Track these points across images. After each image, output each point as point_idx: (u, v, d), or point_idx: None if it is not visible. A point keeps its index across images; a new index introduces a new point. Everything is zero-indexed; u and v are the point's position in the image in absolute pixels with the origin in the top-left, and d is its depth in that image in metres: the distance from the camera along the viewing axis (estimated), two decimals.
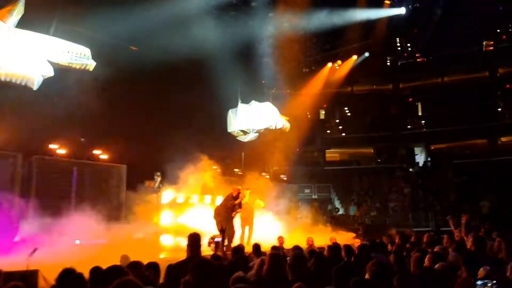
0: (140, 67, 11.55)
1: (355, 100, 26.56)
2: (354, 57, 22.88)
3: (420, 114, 26.11)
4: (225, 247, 9.98)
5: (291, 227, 14.19)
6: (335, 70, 23.33)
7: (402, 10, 19.69)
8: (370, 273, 3.77)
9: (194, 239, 4.97)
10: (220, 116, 14.19)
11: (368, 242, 7.56)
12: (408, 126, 25.42)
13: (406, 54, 25.72)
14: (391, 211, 20.33)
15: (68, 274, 3.74)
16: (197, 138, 12.69)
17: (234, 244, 10.20)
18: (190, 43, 12.52)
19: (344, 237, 13.97)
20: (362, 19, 18.95)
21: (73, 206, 9.50)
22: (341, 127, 26.74)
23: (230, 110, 13.82)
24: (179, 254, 7.05)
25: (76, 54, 8.62)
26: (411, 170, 23.50)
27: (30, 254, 6.58)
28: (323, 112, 27.26)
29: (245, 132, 13.61)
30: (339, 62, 23.09)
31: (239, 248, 6.68)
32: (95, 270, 4.04)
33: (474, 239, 5.99)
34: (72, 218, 9.07)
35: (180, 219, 11.77)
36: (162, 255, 9.29)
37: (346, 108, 27.48)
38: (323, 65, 23.13)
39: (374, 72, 24.20)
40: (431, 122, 24.92)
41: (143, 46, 12.64)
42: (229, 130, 13.77)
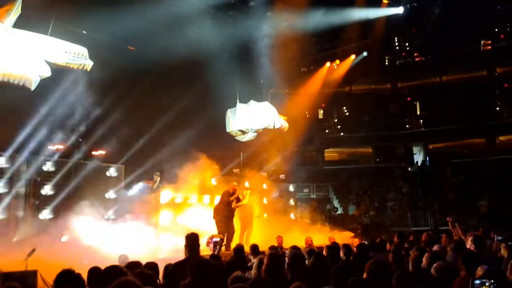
0: (138, 67, 11.53)
1: (354, 99, 26.56)
2: (352, 56, 22.83)
3: (418, 113, 26.11)
4: (224, 247, 10.00)
5: (290, 227, 14.20)
6: (333, 69, 23.30)
7: (400, 10, 19.63)
8: (369, 272, 3.77)
9: (192, 240, 4.97)
10: (218, 116, 14.18)
11: (366, 241, 7.59)
12: (406, 126, 25.43)
13: (404, 54, 25.69)
14: (390, 211, 20.34)
15: (66, 275, 3.73)
16: (195, 138, 12.68)
17: (233, 243, 10.23)
18: (188, 43, 12.49)
19: (342, 236, 13.97)
20: (360, 19, 18.93)
21: (71, 206, 9.49)
22: (339, 127, 26.72)
23: (229, 110, 13.81)
24: (178, 254, 7.03)
25: (73, 54, 8.61)
26: (410, 169, 23.52)
27: (29, 254, 6.58)
28: (322, 111, 27.25)
29: (243, 132, 13.60)
30: (337, 61, 23.05)
31: (240, 248, 6.68)
32: (94, 270, 4.03)
33: (473, 239, 6.01)
34: (70, 218, 9.07)
35: (179, 219, 11.76)
36: (161, 255, 9.27)
37: (344, 107, 27.48)
38: (322, 64, 23.08)
39: (372, 71, 24.19)
40: (430, 121, 24.93)
41: (141, 46, 12.62)
42: (227, 130, 13.76)
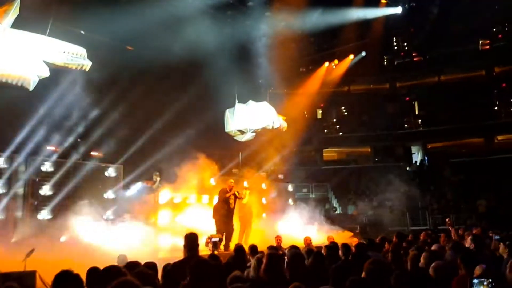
0: (136, 67, 11.52)
1: (352, 99, 26.60)
2: (351, 56, 22.86)
3: (417, 113, 26.16)
4: (223, 246, 10.00)
5: (289, 227, 14.20)
6: (332, 69, 23.32)
7: (398, 9, 19.68)
8: (367, 272, 3.77)
9: (191, 240, 4.95)
10: (217, 116, 14.17)
11: (365, 241, 7.59)
12: (405, 125, 25.48)
13: (402, 53, 25.77)
14: (389, 210, 20.34)
15: (65, 275, 3.72)
16: (194, 138, 12.68)
17: (232, 243, 10.22)
18: (187, 43, 12.49)
19: (341, 236, 13.98)
20: (358, 19, 18.95)
21: (70, 207, 9.48)
22: (338, 127, 26.76)
23: (228, 110, 13.81)
24: (177, 254, 7.03)
25: (72, 54, 8.60)
26: (408, 169, 23.55)
27: (28, 255, 6.57)
28: (320, 111, 27.28)
29: (242, 131, 13.60)
30: (336, 61, 23.07)
31: (240, 248, 6.69)
32: (92, 270, 4.03)
33: (473, 238, 6.03)
34: (69, 219, 9.06)
35: (177, 219, 11.76)
36: (160, 255, 9.27)
37: (343, 107, 27.51)
38: (320, 64, 23.12)
39: (370, 71, 24.24)
40: (428, 121, 24.98)
41: (140, 46, 12.61)
42: (226, 130, 13.76)
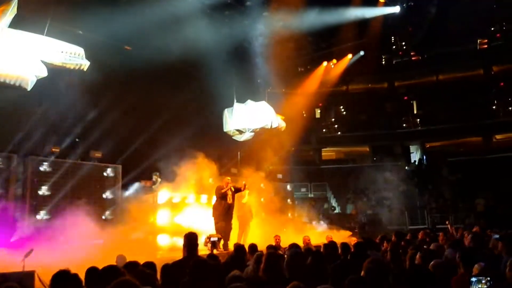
0: (134, 67, 11.50)
1: (351, 98, 26.61)
2: (349, 56, 22.87)
3: (415, 112, 26.16)
4: (222, 246, 9.99)
5: (287, 226, 14.21)
6: (330, 69, 23.33)
7: (397, 9, 19.69)
8: (367, 270, 3.77)
9: (190, 239, 4.95)
10: (216, 115, 14.17)
11: (364, 240, 7.59)
12: (403, 125, 25.49)
13: (401, 53, 25.75)
14: (387, 209, 20.37)
15: (62, 275, 3.72)
16: (193, 138, 12.67)
17: (231, 242, 10.21)
18: (185, 43, 12.48)
19: (340, 235, 14.00)
20: (356, 18, 18.96)
21: (68, 207, 9.47)
22: (336, 126, 26.75)
23: (226, 110, 13.81)
24: (176, 254, 7.03)
25: (70, 54, 8.59)
26: (407, 168, 23.57)
27: (26, 255, 6.55)
28: (319, 111, 27.28)
29: (240, 131, 13.61)
30: (334, 61, 23.07)
31: (240, 247, 6.69)
32: (91, 270, 4.03)
33: (472, 237, 6.05)
34: (67, 219, 9.05)
35: (176, 219, 11.75)
36: (159, 255, 9.27)
37: (341, 107, 27.50)
38: (318, 64, 23.11)
39: (369, 70, 24.21)
40: (426, 120, 24.98)
41: (138, 46, 12.60)
42: (225, 130, 13.76)
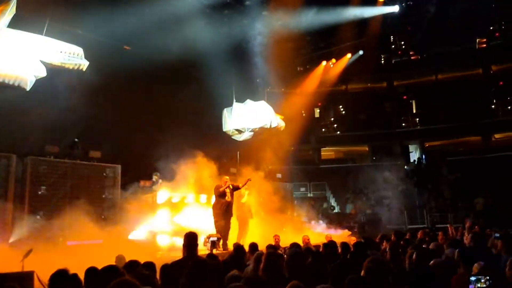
0: (133, 67, 11.49)
1: (350, 98, 26.62)
2: (348, 55, 22.86)
3: (414, 111, 26.19)
4: (222, 245, 9.99)
5: (287, 226, 14.21)
6: (330, 68, 23.32)
7: (396, 8, 19.67)
8: (367, 270, 3.77)
9: (190, 239, 4.94)
10: (215, 115, 14.17)
11: (363, 239, 7.60)
12: (402, 124, 25.52)
13: (400, 52, 25.76)
14: (386, 209, 20.38)
15: (60, 275, 3.72)
16: (192, 137, 12.65)
17: (229, 242, 10.20)
18: (184, 42, 12.47)
19: (339, 234, 14.00)
20: (355, 17, 18.95)
21: (67, 207, 9.46)
22: (335, 125, 26.79)
23: (225, 109, 13.81)
24: (175, 254, 7.03)
25: (69, 54, 8.59)
26: (406, 167, 23.58)
27: (25, 255, 6.55)
28: (318, 110, 27.30)
29: (240, 131, 13.61)
30: (333, 60, 23.05)
31: (239, 247, 6.68)
32: (91, 270, 4.02)
33: (473, 236, 6.06)
34: (66, 219, 9.04)
35: (176, 219, 11.74)
36: (158, 255, 9.26)
37: (340, 106, 27.52)
38: (318, 63, 23.09)
39: (368, 70, 24.20)
40: (426, 119, 25.02)
41: (137, 46, 12.58)
42: (224, 129, 13.76)
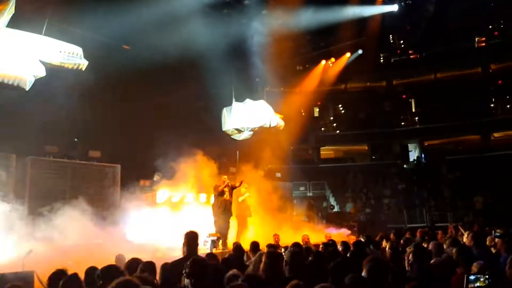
0: (133, 66, 11.49)
1: (349, 97, 26.62)
2: (348, 54, 22.88)
3: (413, 110, 26.23)
4: (221, 244, 10.00)
5: (286, 225, 14.21)
6: (329, 67, 23.34)
7: (395, 7, 19.70)
8: (367, 269, 3.77)
9: (190, 238, 4.95)
10: (214, 114, 14.15)
11: (363, 238, 7.62)
12: (402, 123, 25.54)
13: (399, 51, 25.78)
14: (386, 208, 20.42)
15: (59, 275, 3.73)
16: (191, 137, 12.65)
17: (229, 241, 10.22)
18: (183, 42, 12.47)
19: (339, 234, 14.01)
20: (355, 16, 18.96)
21: (67, 207, 9.45)
22: (335, 125, 26.81)
23: (225, 109, 13.79)
24: (176, 254, 7.02)
25: (68, 53, 8.57)
26: (405, 166, 23.61)
27: (26, 255, 6.55)
28: (317, 109, 27.31)
29: (239, 130, 13.59)
30: (333, 59, 23.08)
31: (239, 246, 6.69)
32: (91, 270, 4.03)
33: (473, 235, 6.07)
34: (66, 219, 9.03)
35: (175, 218, 11.73)
36: (158, 255, 9.25)
37: (340, 105, 27.55)
38: (317, 62, 23.13)
39: (367, 69, 24.19)
40: (425, 118, 25.05)
41: (136, 45, 12.58)
42: (223, 129, 13.74)
